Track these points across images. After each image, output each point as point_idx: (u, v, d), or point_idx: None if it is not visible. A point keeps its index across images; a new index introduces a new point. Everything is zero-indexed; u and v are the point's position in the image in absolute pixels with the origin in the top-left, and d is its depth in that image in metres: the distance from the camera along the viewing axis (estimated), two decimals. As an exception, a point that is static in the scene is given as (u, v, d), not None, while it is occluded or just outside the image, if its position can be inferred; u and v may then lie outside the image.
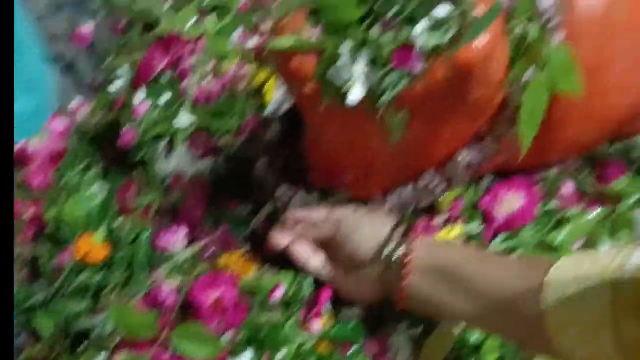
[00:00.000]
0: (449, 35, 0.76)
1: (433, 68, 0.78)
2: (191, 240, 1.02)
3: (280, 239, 0.96)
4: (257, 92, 1.10)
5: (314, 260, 0.94)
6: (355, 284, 0.91)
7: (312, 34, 0.79)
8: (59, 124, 1.15)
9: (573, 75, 0.85)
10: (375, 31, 0.76)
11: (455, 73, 0.79)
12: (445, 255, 0.86)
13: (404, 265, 0.86)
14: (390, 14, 0.75)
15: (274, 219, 1.02)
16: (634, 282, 0.67)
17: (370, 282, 0.89)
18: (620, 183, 1.02)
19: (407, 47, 0.75)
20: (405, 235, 0.89)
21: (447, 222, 1.01)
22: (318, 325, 0.95)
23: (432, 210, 1.02)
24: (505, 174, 1.02)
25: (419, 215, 1.01)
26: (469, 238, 1.00)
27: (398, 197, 0.97)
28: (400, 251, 0.87)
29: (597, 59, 0.90)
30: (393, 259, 0.87)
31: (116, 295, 0.98)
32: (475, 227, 1.01)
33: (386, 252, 0.88)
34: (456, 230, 1.00)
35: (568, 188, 1.02)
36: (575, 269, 0.73)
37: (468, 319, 0.84)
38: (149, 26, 1.17)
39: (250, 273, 0.98)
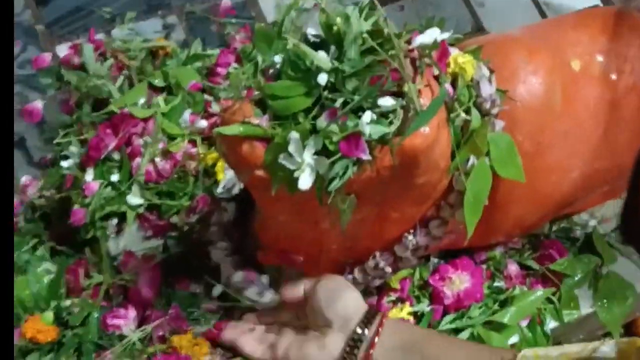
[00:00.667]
0: (395, 125, 0.78)
1: (380, 155, 0.80)
2: (142, 321, 1.01)
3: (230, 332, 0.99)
4: (208, 172, 1.10)
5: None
6: (312, 354, 0.92)
7: (260, 121, 0.80)
8: (8, 201, 1.14)
9: (514, 161, 0.88)
10: (323, 120, 0.77)
11: (402, 159, 0.80)
12: (411, 336, 0.88)
13: (371, 340, 0.87)
14: (337, 104, 0.77)
15: (225, 300, 1.02)
16: None
17: (330, 350, 0.90)
18: (562, 262, 1.05)
19: (354, 136, 0.77)
20: (374, 313, 0.90)
21: (396, 301, 1.03)
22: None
23: (381, 289, 1.03)
24: (452, 254, 1.04)
25: (369, 294, 1.02)
26: (418, 317, 1.02)
27: (348, 277, 0.98)
28: (370, 325, 0.89)
29: (536, 143, 0.93)
30: (359, 332, 0.88)
31: (64, 378, 0.97)
32: (424, 306, 1.02)
33: (357, 325, 0.89)
34: (405, 310, 1.01)
35: (512, 268, 1.04)
36: (541, 355, 0.75)
37: None
38: (99, 104, 1.17)
39: (202, 356, 0.98)
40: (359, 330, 0.89)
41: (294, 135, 0.77)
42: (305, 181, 0.78)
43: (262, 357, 0.95)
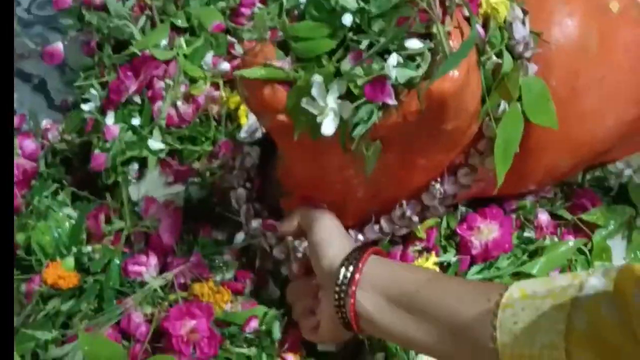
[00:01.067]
0: (422, 68, 0.74)
1: (407, 100, 0.77)
2: (163, 268, 1.00)
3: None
4: (230, 117, 1.08)
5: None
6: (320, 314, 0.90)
7: (282, 64, 0.77)
8: (29, 145, 1.13)
9: (547, 107, 0.84)
10: (347, 63, 0.74)
11: (429, 104, 0.77)
12: (401, 278, 0.84)
13: (352, 281, 0.84)
14: (362, 46, 0.74)
15: (247, 248, 1.01)
16: (587, 312, 0.66)
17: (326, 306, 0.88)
18: (595, 212, 1.01)
19: (379, 80, 0.74)
20: (357, 258, 0.86)
21: (422, 251, 1.00)
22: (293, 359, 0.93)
23: (407, 239, 1.01)
24: (480, 203, 1.01)
25: (394, 244, 1.00)
26: (444, 267, 1.00)
27: (374, 226, 0.96)
28: (351, 269, 0.85)
29: (570, 88, 0.89)
30: (339, 281, 0.84)
31: (86, 324, 0.96)
32: (451, 256, 1.00)
33: (341, 272, 0.85)
34: (432, 259, 0.99)
35: (543, 217, 1.01)
36: (529, 295, 0.72)
37: (418, 344, 0.82)
38: (120, 46, 1.15)
39: (224, 303, 0.97)
40: (339, 279, 0.85)
41: (317, 78, 0.75)
42: (328, 126, 0.76)
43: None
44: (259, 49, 0.79)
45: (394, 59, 0.73)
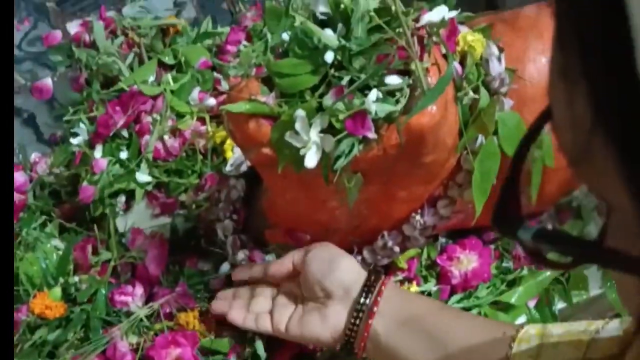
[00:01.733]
0: (401, 103, 0.77)
1: (386, 134, 0.80)
2: (149, 298, 1.02)
3: (220, 306, 0.97)
4: (216, 150, 1.10)
5: (262, 320, 0.94)
6: (314, 327, 0.89)
7: (267, 99, 0.80)
8: (18, 177, 1.15)
9: (522, 141, 0.87)
10: (329, 98, 0.77)
11: (409, 138, 0.80)
12: (412, 307, 0.87)
13: (372, 307, 0.85)
14: (343, 82, 0.77)
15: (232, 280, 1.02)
16: (603, 349, 0.68)
17: (333, 322, 0.88)
18: (571, 243, 1.04)
19: (360, 115, 0.76)
20: (376, 281, 0.88)
21: (403, 281, 1.02)
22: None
23: (389, 269, 1.03)
24: (459, 234, 1.04)
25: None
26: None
27: (357, 257, 0.98)
28: (371, 294, 0.86)
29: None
30: (362, 301, 0.86)
31: (72, 354, 0.97)
32: (431, 286, 1.02)
33: (358, 294, 0.87)
34: (413, 289, 1.01)
35: (520, 248, 1.03)
36: (546, 333, 0.73)
37: None
38: (109, 82, 1.17)
39: (209, 332, 0.98)
40: (361, 300, 0.87)
41: (301, 113, 0.77)
42: (311, 159, 0.78)
43: (260, 328, 0.93)
44: (244, 84, 0.82)
45: (374, 94, 0.76)
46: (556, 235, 0.40)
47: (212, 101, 1.11)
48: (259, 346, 0.96)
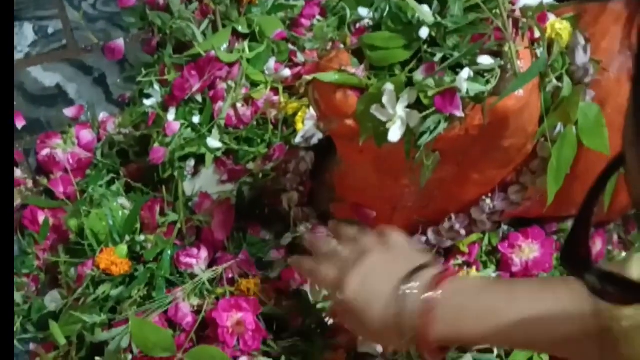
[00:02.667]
0: (491, 84, 0.78)
1: (471, 114, 0.80)
2: (212, 262, 1.03)
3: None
4: (287, 121, 1.11)
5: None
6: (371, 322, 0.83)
7: (356, 71, 0.81)
8: (86, 135, 1.16)
9: (601, 133, 0.87)
10: (419, 74, 0.78)
11: (492, 120, 0.81)
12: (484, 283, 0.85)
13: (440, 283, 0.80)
14: (435, 59, 0.77)
15: (294, 249, 1.03)
16: None
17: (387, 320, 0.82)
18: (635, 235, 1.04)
19: (450, 92, 0.77)
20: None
21: (463, 265, 1.03)
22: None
23: (450, 252, 1.03)
24: (523, 223, 1.04)
25: (438, 255, 1.03)
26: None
27: (421, 237, 0.99)
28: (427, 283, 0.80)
29: (622, 119, 0.92)
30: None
31: (134, 311, 0.98)
32: (490, 272, 1.02)
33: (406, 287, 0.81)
34: (472, 274, 1.02)
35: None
36: None
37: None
38: (181, 46, 1.18)
39: (268, 301, 0.99)
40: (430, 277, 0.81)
41: (389, 86, 0.78)
42: (395, 134, 0.79)
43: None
44: (334, 54, 0.82)
45: (466, 73, 0.76)
46: (619, 280, 0.45)
47: (287, 72, 1.12)
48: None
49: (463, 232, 0.98)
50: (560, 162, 0.88)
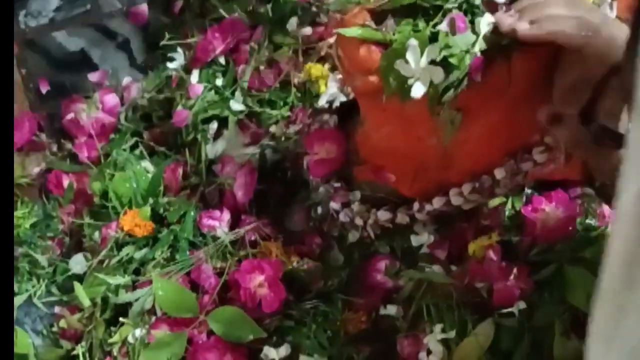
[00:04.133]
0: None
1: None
2: (234, 224, 1.03)
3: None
4: (310, 84, 1.11)
5: None
6: None
7: (380, 26, 0.80)
8: (110, 99, 1.17)
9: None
10: (443, 27, 0.77)
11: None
12: None
13: None
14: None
15: (314, 214, 1.03)
16: None
17: None
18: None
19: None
20: None
21: (485, 228, 1.02)
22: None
23: (472, 215, 1.03)
24: (546, 186, 1.03)
25: (460, 219, 1.02)
26: (506, 246, 1.01)
27: (443, 198, 0.98)
28: None
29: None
30: None
31: (158, 272, 0.99)
32: (512, 235, 1.01)
33: None
34: (494, 238, 1.00)
35: (607, 207, 1.02)
36: None
37: None
38: (204, 10, 1.18)
39: (290, 263, 0.99)
40: None
41: (413, 42, 0.77)
42: (418, 89, 0.78)
43: None
44: (358, 11, 0.82)
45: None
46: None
47: (309, 31, 1.11)
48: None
49: (486, 193, 0.97)
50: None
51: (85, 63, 1.24)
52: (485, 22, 0.76)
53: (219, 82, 1.08)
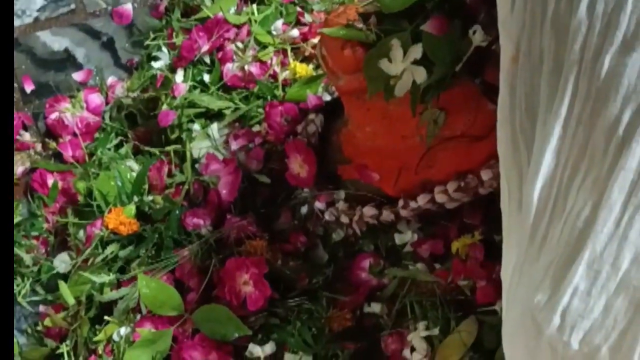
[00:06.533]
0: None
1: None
2: (219, 223, 1.03)
3: None
4: (295, 83, 1.11)
5: None
6: None
7: (364, 26, 0.81)
8: (94, 99, 1.17)
9: None
10: (426, 27, 0.78)
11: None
12: None
13: None
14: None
15: (299, 213, 1.04)
16: None
17: None
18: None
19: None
20: None
21: (468, 226, 1.02)
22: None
23: (455, 214, 1.03)
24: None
25: (444, 217, 1.02)
26: (488, 245, 1.01)
27: (427, 195, 0.98)
28: None
29: None
30: None
31: (143, 270, 0.99)
32: (495, 234, 1.02)
33: None
34: (476, 237, 1.01)
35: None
36: None
37: None
38: (189, 10, 1.19)
39: (275, 261, 1.00)
40: None
41: (396, 41, 0.78)
42: (402, 88, 0.79)
43: None
44: (342, 10, 0.82)
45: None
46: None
47: (295, 32, 1.12)
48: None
49: (470, 192, 0.98)
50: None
51: (69, 62, 1.24)
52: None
53: (205, 79, 1.09)
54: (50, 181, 1.11)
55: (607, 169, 0.50)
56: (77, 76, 1.21)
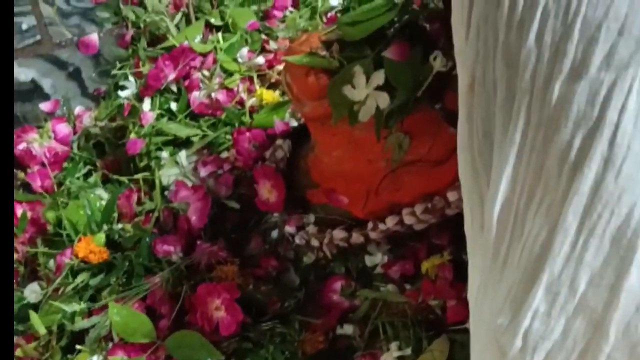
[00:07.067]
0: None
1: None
2: (190, 249, 1.04)
3: None
4: (263, 109, 1.12)
5: None
6: None
7: (326, 54, 0.82)
8: (62, 129, 1.17)
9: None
10: (388, 54, 0.79)
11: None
12: None
13: None
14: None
15: (269, 237, 1.05)
16: None
17: None
18: None
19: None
20: None
21: (437, 247, 1.04)
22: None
23: (424, 235, 1.04)
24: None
25: (412, 238, 1.04)
26: (457, 265, 1.03)
27: (395, 217, 1.00)
28: None
29: None
30: None
31: (114, 298, 1.00)
32: (464, 254, 1.03)
33: None
34: (445, 257, 1.02)
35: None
36: None
37: None
38: (155, 39, 1.20)
39: (246, 286, 1.00)
40: None
41: (359, 68, 0.79)
42: (365, 114, 0.80)
43: None
44: (305, 38, 0.84)
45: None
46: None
47: (260, 60, 1.13)
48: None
49: (438, 214, 0.99)
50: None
51: (36, 93, 1.24)
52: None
53: (172, 108, 1.10)
54: (19, 211, 1.11)
55: (561, 194, 0.51)
56: (45, 106, 1.21)
